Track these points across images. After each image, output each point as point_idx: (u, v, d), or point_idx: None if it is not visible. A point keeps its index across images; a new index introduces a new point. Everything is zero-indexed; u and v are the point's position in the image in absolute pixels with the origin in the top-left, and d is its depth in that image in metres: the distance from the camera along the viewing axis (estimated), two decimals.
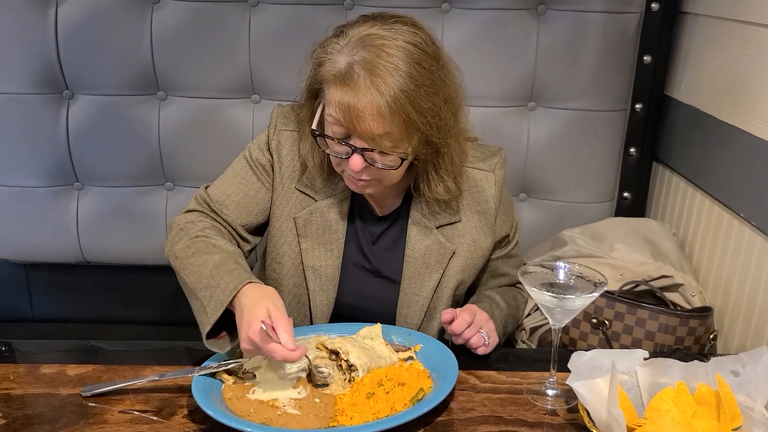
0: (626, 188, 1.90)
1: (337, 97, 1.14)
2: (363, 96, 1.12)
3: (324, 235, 1.34)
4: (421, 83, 1.14)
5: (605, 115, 1.80)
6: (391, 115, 1.12)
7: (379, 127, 1.14)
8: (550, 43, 1.72)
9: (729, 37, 1.55)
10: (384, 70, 1.12)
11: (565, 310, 1.10)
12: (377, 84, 1.11)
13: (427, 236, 1.35)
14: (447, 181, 1.29)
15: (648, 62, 1.79)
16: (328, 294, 1.35)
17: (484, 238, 1.38)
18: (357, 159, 1.18)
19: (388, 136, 1.16)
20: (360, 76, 1.12)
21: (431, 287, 1.35)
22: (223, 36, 1.72)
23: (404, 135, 1.16)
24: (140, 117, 1.78)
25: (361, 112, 1.12)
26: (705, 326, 1.49)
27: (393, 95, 1.12)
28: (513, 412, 1.11)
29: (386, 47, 1.13)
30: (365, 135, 1.15)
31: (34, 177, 1.82)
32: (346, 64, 1.14)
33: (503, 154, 1.42)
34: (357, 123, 1.14)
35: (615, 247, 1.67)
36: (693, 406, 1.05)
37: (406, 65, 1.13)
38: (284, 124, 1.36)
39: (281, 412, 1.06)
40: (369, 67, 1.12)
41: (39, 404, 1.11)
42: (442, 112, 1.19)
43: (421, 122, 1.16)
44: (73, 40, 1.71)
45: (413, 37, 1.16)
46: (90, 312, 1.98)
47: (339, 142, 1.19)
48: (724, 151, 1.54)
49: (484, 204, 1.38)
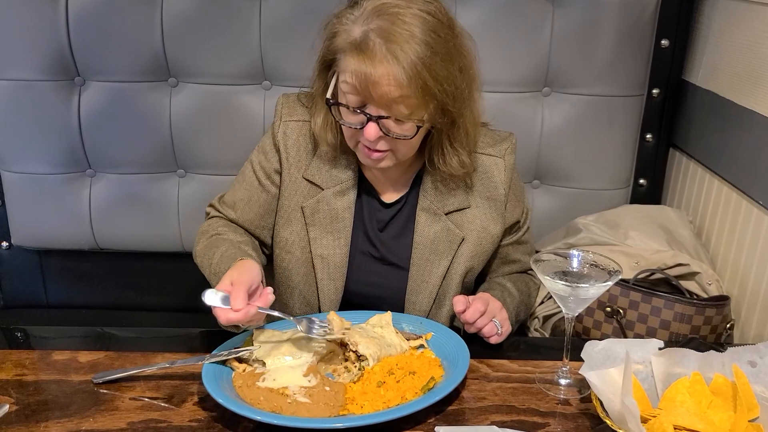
0: (642, 175, 1.88)
1: (353, 66, 1.15)
2: (379, 63, 1.12)
3: (331, 223, 1.34)
4: (437, 51, 1.15)
5: (621, 101, 1.77)
6: (408, 81, 1.13)
7: (396, 92, 1.14)
8: (565, 26, 1.70)
9: (749, 20, 1.52)
10: (400, 37, 1.12)
11: (578, 299, 1.09)
12: (394, 51, 1.12)
13: (436, 222, 1.34)
14: (462, 155, 1.29)
15: (665, 46, 1.75)
16: (337, 282, 1.35)
17: (494, 225, 1.38)
18: (372, 127, 1.18)
19: (405, 103, 1.16)
20: (376, 44, 1.13)
21: (440, 274, 1.35)
22: (234, 22, 1.71)
23: (421, 102, 1.16)
24: (151, 104, 1.78)
25: (378, 79, 1.13)
26: (722, 315, 1.47)
27: (410, 62, 1.12)
28: (525, 402, 1.11)
29: (401, 15, 1.14)
30: (381, 101, 1.15)
31: (47, 164, 1.83)
32: (362, 33, 1.14)
33: (514, 140, 1.41)
34: (373, 89, 1.14)
35: (630, 235, 1.65)
36: (709, 396, 1.04)
37: (422, 33, 1.14)
38: (289, 115, 1.36)
39: (291, 400, 1.06)
40: (385, 34, 1.13)
41: (51, 390, 1.12)
42: (458, 81, 1.19)
43: (438, 89, 1.16)
44: (84, 26, 1.70)
45: (428, 6, 1.17)
46: (103, 298, 2.00)
47: (354, 111, 1.19)
48: (743, 137, 1.52)
49: (494, 190, 1.37)
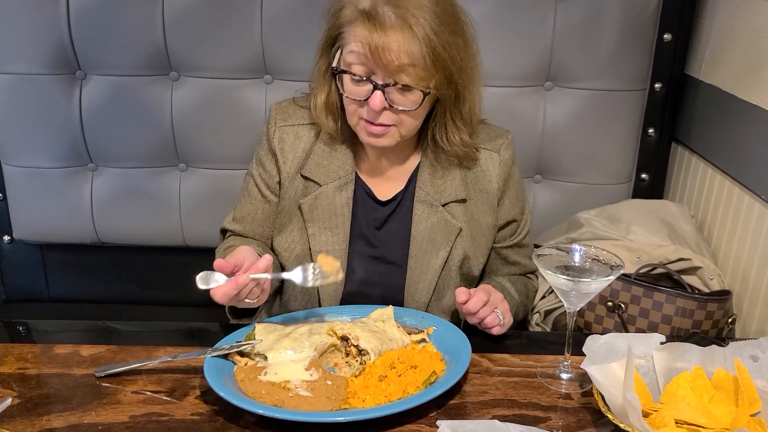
0: (644, 169, 1.87)
1: (362, 34, 1.16)
2: (390, 30, 1.15)
3: (330, 219, 1.34)
4: (444, 21, 1.18)
5: (623, 95, 1.76)
6: (420, 46, 1.15)
7: (405, 57, 1.16)
8: (568, 20, 1.69)
9: (752, 14, 1.51)
10: (411, 4, 1.15)
11: (580, 294, 1.09)
12: (405, 17, 1.14)
13: (433, 213, 1.35)
14: (464, 132, 1.31)
15: (668, 40, 1.75)
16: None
17: (485, 217, 1.39)
18: (378, 97, 1.19)
19: (413, 69, 1.17)
20: (386, 12, 1.15)
21: (438, 265, 1.35)
22: (235, 16, 1.70)
23: (429, 68, 1.18)
24: (153, 98, 1.78)
25: (387, 45, 1.15)
26: (723, 310, 1.47)
27: (421, 27, 1.15)
28: (527, 396, 1.11)
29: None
30: (390, 67, 1.16)
31: (48, 158, 1.82)
32: (371, 3, 1.17)
33: (510, 136, 1.42)
34: (383, 55, 1.15)
35: (632, 230, 1.65)
36: (710, 391, 1.04)
37: (430, 2, 1.17)
38: (284, 120, 1.38)
39: (293, 393, 1.06)
40: (395, 2, 1.15)
41: (53, 384, 1.12)
42: (463, 53, 1.22)
43: (447, 57, 1.18)
44: (86, 20, 1.70)
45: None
46: (105, 292, 2.00)
47: (360, 80, 1.20)
48: (746, 132, 1.51)
49: (488, 183, 1.38)
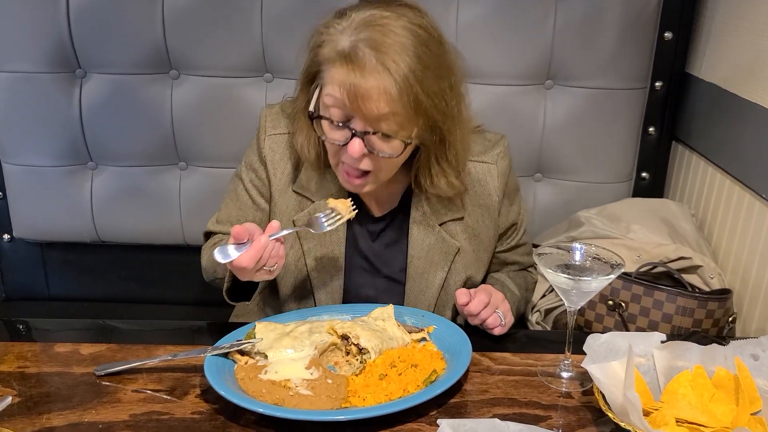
0: (644, 168, 1.87)
1: (340, 77, 1.10)
2: (370, 75, 1.08)
3: (324, 236, 1.31)
4: (427, 65, 1.10)
5: (624, 94, 1.76)
6: (400, 94, 1.08)
7: (385, 106, 1.09)
8: (568, 19, 1.69)
9: (753, 13, 1.51)
10: (391, 48, 1.08)
11: (581, 292, 1.09)
12: (385, 62, 1.07)
13: (429, 234, 1.31)
14: (450, 176, 1.25)
15: (669, 39, 1.75)
16: (334, 295, 1.34)
17: (486, 232, 1.36)
18: (357, 144, 1.13)
19: (394, 117, 1.11)
20: (366, 55, 1.08)
21: (437, 285, 1.33)
22: (236, 14, 1.70)
23: (411, 117, 1.12)
24: (153, 96, 1.78)
25: (367, 91, 1.08)
26: (724, 309, 1.47)
27: (402, 74, 1.08)
28: (527, 395, 1.10)
29: (392, 27, 1.09)
30: (370, 116, 1.10)
31: (48, 156, 1.82)
32: (351, 44, 1.09)
33: (506, 142, 1.37)
34: (362, 103, 1.09)
35: (632, 228, 1.65)
36: (711, 389, 1.03)
37: (413, 45, 1.09)
38: (274, 128, 1.33)
39: (293, 392, 1.06)
40: (375, 45, 1.08)
41: (53, 383, 1.12)
42: (448, 97, 1.15)
43: (429, 104, 1.12)
44: (86, 18, 1.70)
45: (418, 19, 1.13)
46: (105, 291, 2.00)
47: (338, 125, 1.14)
48: (746, 131, 1.51)
49: (487, 198, 1.34)
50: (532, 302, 1.63)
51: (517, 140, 1.43)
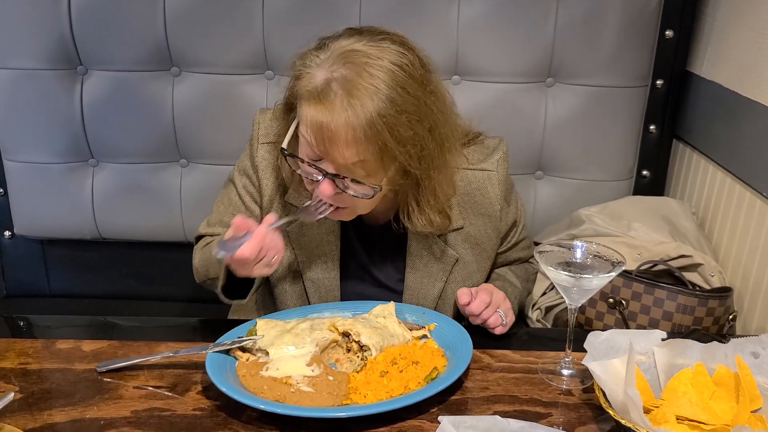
0: (645, 166, 1.87)
1: (310, 115, 1.07)
2: (338, 116, 1.05)
3: (318, 247, 1.31)
4: (402, 109, 1.07)
5: (625, 92, 1.76)
6: (366, 140, 1.05)
7: (353, 154, 1.07)
8: (570, 16, 1.69)
9: (755, 11, 1.51)
10: (363, 90, 1.04)
11: (582, 290, 1.09)
12: (354, 105, 1.04)
13: (428, 245, 1.31)
14: (430, 214, 1.22)
15: (670, 37, 1.74)
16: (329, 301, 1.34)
17: (489, 241, 1.35)
18: (327, 185, 1.11)
19: (362, 165, 1.09)
20: (337, 95, 1.05)
21: (435, 296, 1.33)
22: (237, 11, 1.70)
23: (379, 164, 1.09)
24: (154, 93, 1.78)
25: (334, 133, 1.05)
26: (724, 307, 1.47)
27: (369, 119, 1.04)
28: (528, 392, 1.11)
29: (369, 66, 1.06)
30: (337, 162, 1.08)
31: (49, 153, 1.82)
32: (324, 81, 1.07)
33: (504, 147, 1.35)
34: (330, 146, 1.07)
35: (633, 226, 1.65)
36: (711, 387, 1.04)
37: (388, 88, 1.05)
38: (266, 136, 1.31)
39: (294, 389, 1.06)
40: (347, 86, 1.05)
41: (55, 379, 1.12)
42: (425, 142, 1.11)
43: (399, 151, 1.08)
44: (87, 15, 1.70)
45: (400, 58, 1.08)
46: (106, 288, 2.00)
47: (310, 164, 1.12)
48: (747, 129, 1.51)
49: (489, 206, 1.32)
50: (533, 299, 1.64)
51: (518, 138, 1.43)
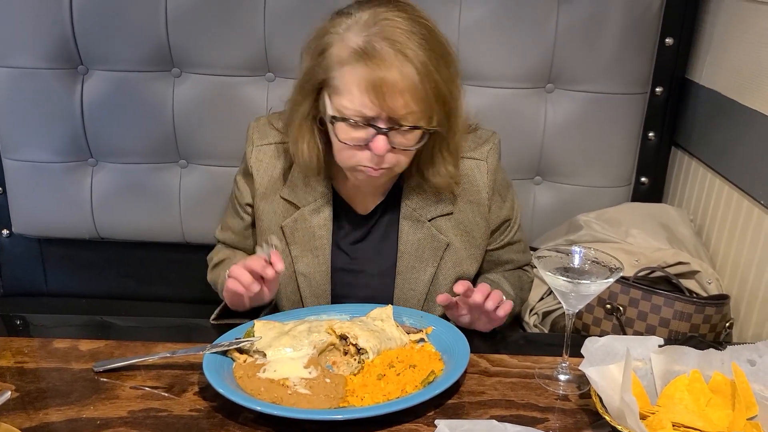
0: (644, 173, 1.87)
1: (361, 75, 1.10)
2: (392, 65, 1.09)
3: (310, 241, 1.33)
4: (438, 53, 1.14)
5: (624, 98, 1.77)
6: (422, 82, 1.10)
7: (411, 98, 1.11)
8: (570, 23, 1.69)
9: (755, 19, 1.52)
10: (405, 38, 1.10)
11: (579, 296, 1.09)
12: (404, 51, 1.09)
13: (419, 229, 1.33)
14: (449, 164, 1.27)
15: (670, 44, 1.75)
16: (320, 299, 1.35)
17: (477, 228, 1.36)
18: (381, 141, 1.14)
19: (419, 108, 1.13)
20: (383, 48, 1.09)
21: (426, 280, 1.34)
22: (238, 13, 1.70)
23: (432, 105, 1.14)
24: (154, 93, 1.78)
25: (392, 84, 1.09)
26: (721, 314, 1.47)
27: (422, 61, 1.10)
28: (524, 397, 1.11)
29: (397, 20, 1.12)
30: (399, 109, 1.12)
31: (49, 152, 1.82)
32: (364, 40, 1.10)
33: (496, 140, 1.38)
34: (389, 98, 1.10)
35: (631, 233, 1.65)
36: (707, 394, 1.04)
37: (422, 35, 1.12)
38: (261, 139, 1.35)
39: (292, 391, 1.06)
40: (389, 38, 1.10)
41: (51, 378, 1.12)
42: (453, 86, 1.18)
43: (446, 91, 1.15)
44: (88, 14, 1.69)
45: (418, 13, 1.16)
46: (103, 288, 1.99)
47: (360, 125, 1.15)
48: (746, 137, 1.51)
49: (477, 194, 1.35)
50: (530, 305, 1.64)
51: (517, 143, 1.44)
